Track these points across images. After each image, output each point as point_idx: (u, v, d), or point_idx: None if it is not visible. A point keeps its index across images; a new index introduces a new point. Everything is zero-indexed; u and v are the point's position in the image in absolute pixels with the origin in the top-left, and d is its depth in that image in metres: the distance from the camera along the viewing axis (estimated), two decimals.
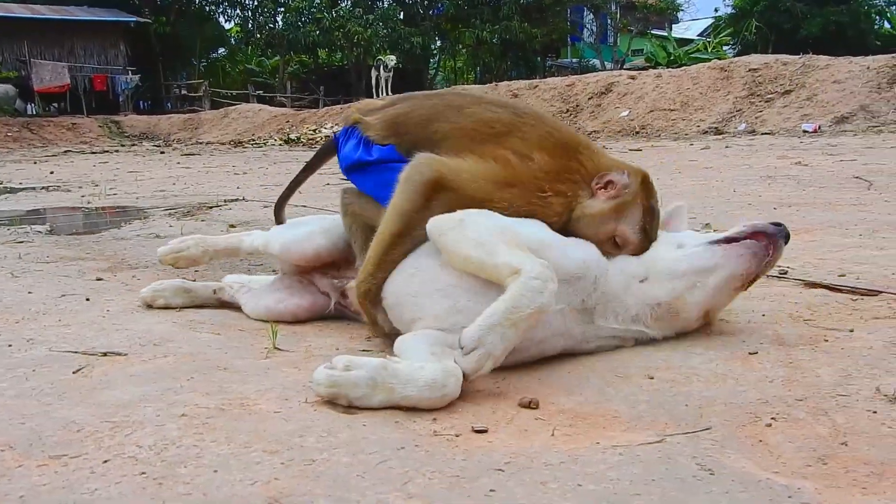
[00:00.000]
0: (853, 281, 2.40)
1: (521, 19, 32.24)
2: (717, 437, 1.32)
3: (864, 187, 4.97)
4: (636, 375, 1.65)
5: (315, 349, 1.91)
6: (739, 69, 14.16)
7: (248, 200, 5.71)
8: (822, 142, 10.04)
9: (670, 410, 1.45)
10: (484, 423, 1.41)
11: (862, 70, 12.69)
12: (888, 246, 2.93)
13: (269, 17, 32.57)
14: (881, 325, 1.92)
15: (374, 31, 29.87)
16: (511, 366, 1.64)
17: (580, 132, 14.41)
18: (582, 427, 1.40)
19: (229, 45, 36.81)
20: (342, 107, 22.27)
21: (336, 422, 1.39)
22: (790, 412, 1.41)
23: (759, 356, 1.73)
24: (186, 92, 31.88)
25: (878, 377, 1.56)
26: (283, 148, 16.67)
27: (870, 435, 1.30)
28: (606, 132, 13.97)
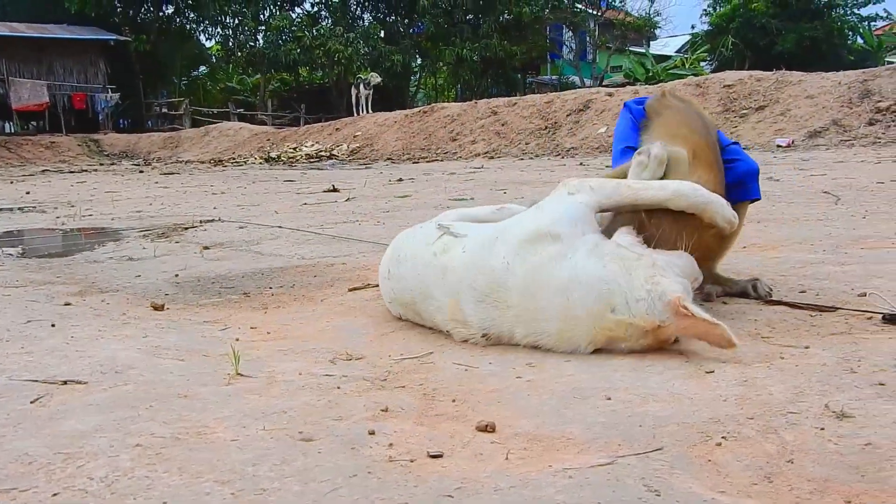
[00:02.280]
0: (813, 298, 2.43)
1: (500, 37, 32.49)
2: (667, 458, 1.34)
3: (831, 202, 5.04)
4: (594, 396, 1.66)
5: (278, 374, 1.91)
6: (714, 85, 14.31)
7: (224, 221, 5.70)
8: (795, 156, 10.16)
9: (624, 431, 1.47)
10: (440, 447, 1.42)
11: (834, 85, 12.86)
12: (849, 262, 2.98)
13: (249, 35, 32.60)
14: (836, 342, 1.95)
15: (355, 49, 29.98)
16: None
17: (558, 148, 14.51)
18: (536, 450, 1.41)
19: (210, 63, 36.78)
20: (323, 125, 22.29)
21: (292, 449, 1.39)
22: (741, 431, 1.43)
23: (715, 375, 1.76)
24: (167, 110, 31.82)
25: (828, 394, 1.59)
26: (263, 167, 16.64)
27: (816, 452, 1.33)
28: (584, 148, 14.05)
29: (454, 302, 2.13)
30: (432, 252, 2.25)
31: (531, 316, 1.99)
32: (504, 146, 15.70)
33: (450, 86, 38.20)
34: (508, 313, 2.02)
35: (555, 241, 2.03)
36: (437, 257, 2.22)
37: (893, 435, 1.37)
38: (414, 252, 2.35)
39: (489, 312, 2.06)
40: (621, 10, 37.45)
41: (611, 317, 1.90)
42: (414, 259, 2.32)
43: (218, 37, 33.54)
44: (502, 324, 2.04)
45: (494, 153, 15.43)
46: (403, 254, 2.41)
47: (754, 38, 33.06)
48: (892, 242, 3.37)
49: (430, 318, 2.25)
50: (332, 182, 9.24)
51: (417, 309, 2.30)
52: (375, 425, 1.53)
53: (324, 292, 3.01)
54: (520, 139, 15.76)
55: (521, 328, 2.01)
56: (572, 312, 1.93)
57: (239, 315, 2.66)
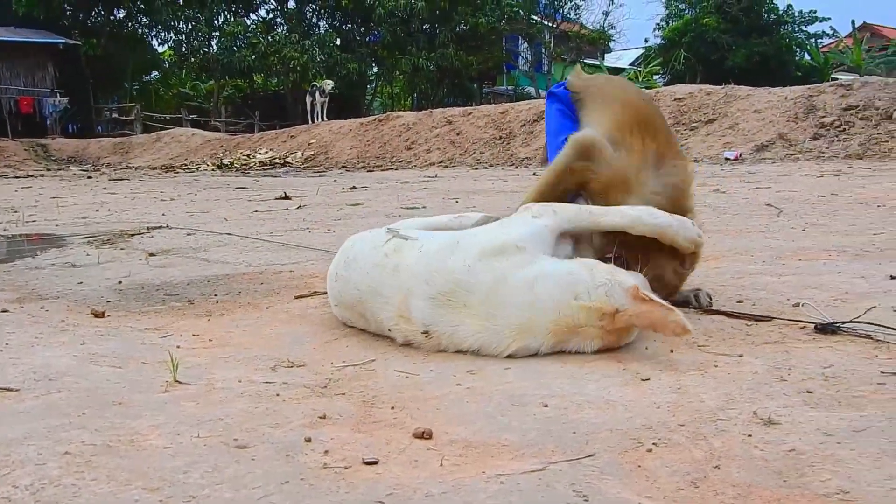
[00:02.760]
0: (750, 307, 2.49)
1: (456, 47, 32.71)
2: (598, 464, 1.36)
3: (774, 214, 5.16)
4: (532, 403, 1.68)
5: (217, 382, 1.89)
6: (666, 98, 14.57)
7: (171, 228, 5.63)
8: (742, 169, 10.39)
9: (558, 438, 1.49)
10: (376, 454, 1.42)
11: (780, 100, 13.19)
12: (786, 273, 3.05)
13: (203, 41, 32.32)
14: (769, 351, 2.00)
15: (311, 56, 29.90)
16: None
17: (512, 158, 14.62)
18: (471, 456, 1.42)
19: (162, 68, 36.31)
20: (277, 132, 22.15)
21: (224, 456, 1.39)
22: (671, 437, 1.46)
23: (650, 382, 1.79)
24: (118, 115, 31.35)
25: (757, 401, 1.63)
26: (215, 173, 16.48)
27: (742, 458, 1.36)
28: (538, 159, 14.17)
29: (403, 298, 2.13)
30: (383, 253, 2.26)
31: (490, 312, 2.01)
32: (459, 155, 15.77)
33: (406, 95, 38.29)
34: (462, 312, 2.04)
35: (521, 252, 2.08)
36: (389, 257, 2.23)
37: (816, 441, 1.41)
38: (363, 254, 2.36)
39: (438, 310, 2.07)
40: (576, 23, 38.00)
41: (574, 303, 1.95)
42: (363, 260, 2.33)
43: (171, 42, 33.17)
44: (450, 322, 2.05)
45: (449, 162, 15.49)
46: (352, 256, 2.42)
47: (706, 52, 33.79)
48: (828, 254, 3.46)
49: (375, 316, 2.25)
50: (284, 189, 9.18)
51: (362, 309, 2.30)
52: (312, 432, 1.52)
53: (269, 300, 2.99)
54: (474, 149, 15.85)
55: (475, 325, 2.02)
56: (536, 303, 1.97)
57: (181, 322, 2.63)
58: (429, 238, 2.28)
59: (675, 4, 37.79)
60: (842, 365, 1.85)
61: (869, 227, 4.32)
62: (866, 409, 1.56)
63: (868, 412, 1.54)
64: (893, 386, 1.69)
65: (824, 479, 1.26)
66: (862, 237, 3.92)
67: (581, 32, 37.25)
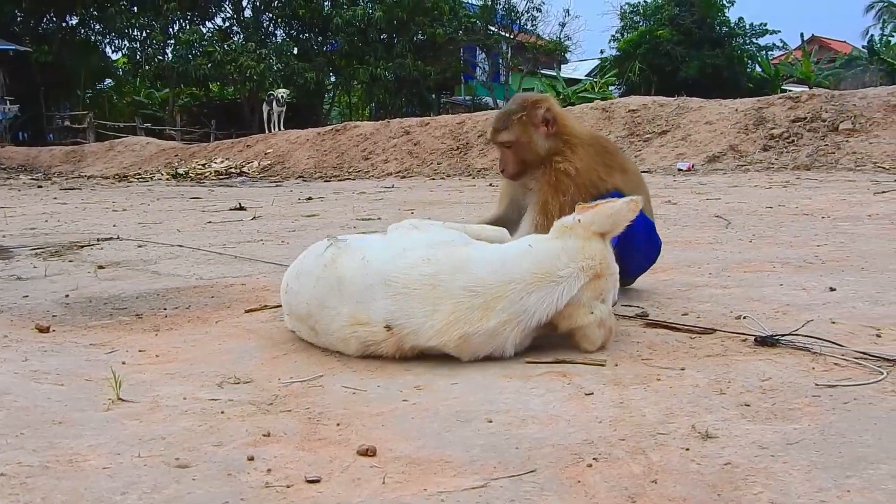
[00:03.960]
0: (694, 320, 2.54)
1: (414, 57, 32.76)
2: (539, 480, 1.38)
3: (722, 226, 5.26)
4: (477, 419, 1.70)
5: (162, 399, 1.88)
6: (620, 109, 14.76)
7: (122, 239, 5.54)
8: (694, 180, 10.57)
9: (501, 454, 1.50)
10: (319, 472, 1.42)
11: (731, 112, 13.45)
12: (731, 285, 3.12)
13: (158, 48, 31.90)
14: (711, 363, 2.04)
15: (268, 65, 29.70)
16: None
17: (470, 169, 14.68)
18: (414, 474, 1.43)
19: (116, 76, 35.73)
20: (233, 141, 21.95)
21: (165, 477, 1.37)
22: (611, 452, 1.49)
23: (593, 396, 1.81)
24: (70, 123, 30.75)
25: (696, 415, 1.67)
26: (170, 183, 16.27)
27: (679, 472, 1.39)
28: (495, 170, 14.18)
29: (356, 305, 2.14)
30: (322, 264, 2.29)
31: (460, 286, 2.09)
32: (416, 166, 15.79)
33: (364, 104, 38.23)
34: (432, 294, 2.08)
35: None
36: (328, 268, 2.25)
37: (751, 454, 1.45)
38: (309, 266, 2.38)
39: (405, 303, 2.09)
40: (533, 34, 38.31)
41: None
42: (309, 273, 2.34)
43: (125, 49, 32.69)
44: (419, 312, 2.08)
45: (407, 172, 15.50)
46: (301, 268, 2.44)
47: (660, 63, 34.31)
48: (772, 266, 3.54)
49: (326, 329, 2.26)
50: (239, 200, 9.11)
51: (313, 322, 2.31)
52: (255, 451, 1.52)
53: (219, 314, 2.96)
54: (432, 159, 15.88)
55: (448, 306, 2.06)
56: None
57: (128, 337, 2.59)
58: (369, 245, 2.33)
59: (630, 17, 38.34)
60: (779, 378, 1.89)
61: (813, 238, 4.43)
62: (800, 422, 1.60)
63: (802, 425, 1.58)
64: (827, 398, 1.73)
65: (756, 492, 1.30)
66: (805, 249, 4.02)
67: (538, 44, 37.58)
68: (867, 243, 4.14)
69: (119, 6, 30.45)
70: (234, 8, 34.30)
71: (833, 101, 12.89)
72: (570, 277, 2.08)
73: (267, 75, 29.53)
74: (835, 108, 12.60)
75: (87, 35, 32.49)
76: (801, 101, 13.14)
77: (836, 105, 12.68)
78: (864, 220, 5.32)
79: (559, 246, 2.14)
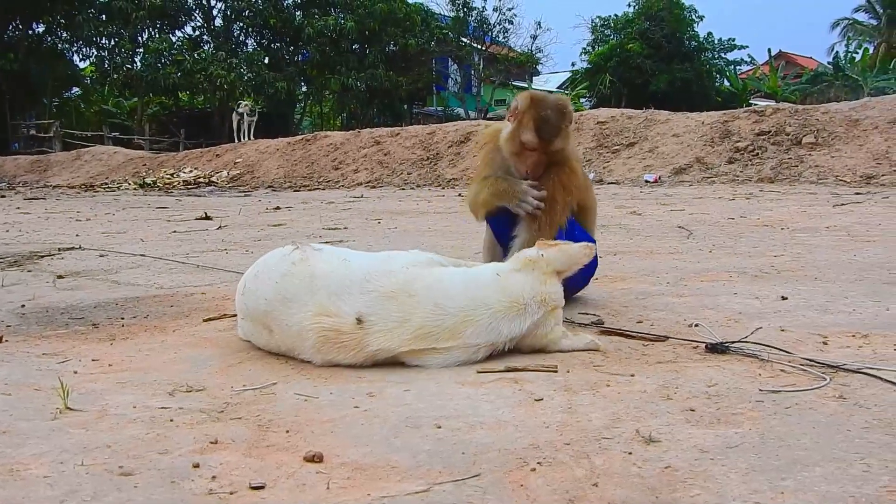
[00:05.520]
0: (648, 327, 2.57)
1: (386, 67, 32.80)
2: (482, 484, 1.39)
3: (684, 236, 5.33)
4: (426, 425, 1.71)
5: (111, 408, 1.86)
6: (589, 121, 14.90)
7: (84, 249, 5.48)
8: (660, 192, 10.69)
9: (447, 459, 1.51)
10: (264, 479, 1.43)
11: (697, 125, 13.63)
12: (687, 293, 3.16)
13: (126, 57, 31.62)
14: (660, 370, 2.07)
15: (238, 74, 29.57)
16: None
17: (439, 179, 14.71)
18: (359, 479, 1.44)
19: (83, 84, 35.31)
20: (202, 150, 21.81)
21: (106, 485, 1.37)
22: (556, 456, 1.50)
23: (543, 402, 1.83)
24: (35, 132, 30.35)
25: (642, 420, 1.69)
26: (137, 192, 16.12)
27: (620, 475, 1.41)
28: (465, 180, 14.29)
29: (326, 296, 2.18)
30: (291, 262, 2.34)
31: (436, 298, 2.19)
32: (386, 176, 15.80)
33: (336, 114, 38.19)
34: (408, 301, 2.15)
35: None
36: (297, 265, 2.31)
37: (692, 458, 1.47)
38: (272, 265, 2.42)
39: (381, 302, 2.15)
40: (505, 46, 38.53)
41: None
42: (272, 271, 2.38)
43: (93, 58, 32.34)
44: (394, 316, 2.14)
45: (377, 182, 15.50)
46: (261, 268, 2.47)
47: (631, 76, 34.69)
48: (729, 276, 3.59)
49: (282, 325, 2.27)
50: (206, 210, 9.05)
51: (268, 320, 2.32)
52: (201, 458, 1.52)
53: (177, 323, 2.95)
54: (402, 169, 15.90)
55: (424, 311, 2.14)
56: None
57: (83, 347, 2.57)
58: (348, 252, 2.43)
59: (601, 30, 38.76)
60: (725, 383, 1.93)
61: (770, 249, 4.51)
62: (742, 427, 1.63)
63: (743, 429, 1.61)
64: (770, 404, 1.77)
65: (693, 494, 1.32)
66: (762, 259, 4.08)
67: (509, 55, 37.82)
68: (822, 254, 4.22)
69: (87, 14, 30.14)
70: (204, 17, 34.13)
71: (797, 115, 13.11)
72: (533, 308, 2.21)
73: (237, 84, 29.40)
74: (798, 122, 12.81)
75: (53, 43, 32.11)
76: (766, 115, 13.36)
77: (799, 119, 12.90)
78: (821, 231, 5.42)
79: (523, 278, 2.27)
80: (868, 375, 1.94)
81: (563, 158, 2.87)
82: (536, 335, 2.23)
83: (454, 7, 37.01)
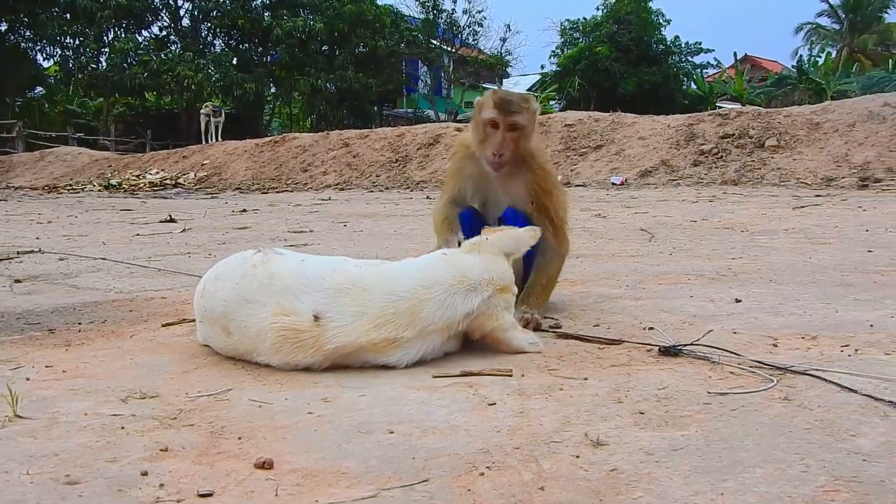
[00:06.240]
0: (605, 331, 2.60)
1: (356, 69, 32.69)
2: (430, 489, 1.40)
3: (646, 239, 5.39)
4: (378, 430, 1.71)
5: (62, 415, 1.85)
6: (557, 124, 14.99)
7: (44, 252, 5.42)
8: (626, 194, 10.79)
9: (397, 464, 1.52)
10: (213, 486, 1.42)
11: (663, 128, 13.78)
12: (645, 296, 3.20)
13: (91, 57, 31.20)
14: (613, 373, 2.10)
15: (206, 75, 29.31)
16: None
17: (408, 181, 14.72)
18: (309, 486, 1.44)
19: (47, 84, 34.75)
20: (169, 152, 21.60)
21: (51, 494, 1.36)
22: (505, 460, 1.52)
23: (496, 407, 1.85)
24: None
25: (591, 423, 1.71)
26: (101, 194, 15.93)
27: (566, 479, 1.43)
28: (433, 182, 14.32)
29: (284, 297, 2.20)
30: (252, 264, 2.35)
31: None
32: (355, 178, 15.77)
33: (305, 116, 38.00)
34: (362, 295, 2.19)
35: None
36: (258, 268, 2.32)
37: (637, 460, 1.49)
38: (232, 267, 2.44)
39: (338, 298, 2.18)
40: (475, 48, 38.59)
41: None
42: (232, 273, 2.40)
43: (57, 57, 31.87)
44: (349, 311, 2.16)
45: (345, 185, 15.47)
46: (221, 271, 2.48)
47: (599, 79, 34.87)
48: (687, 278, 3.64)
49: (240, 326, 2.28)
50: (171, 212, 8.97)
51: (227, 322, 2.32)
52: (150, 465, 1.51)
53: (135, 328, 2.93)
54: (371, 171, 15.89)
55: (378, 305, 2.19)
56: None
57: (37, 353, 2.54)
58: (304, 255, 2.47)
59: (570, 33, 38.94)
60: (675, 386, 1.96)
61: (729, 251, 4.57)
62: (688, 429, 1.66)
63: (689, 431, 1.64)
64: (717, 406, 1.80)
65: (636, 496, 1.34)
66: (721, 261, 4.14)
67: (479, 58, 37.89)
68: (779, 256, 4.29)
69: (50, 13, 29.70)
70: (171, 17, 33.79)
71: (760, 118, 13.30)
72: (482, 285, 2.26)
73: (205, 85, 29.15)
74: (761, 125, 13.00)
75: (16, 42, 31.59)
76: (730, 119, 13.54)
77: (762, 122, 13.09)
78: (780, 234, 5.51)
79: (472, 258, 2.34)
80: (813, 377, 1.98)
81: (529, 155, 2.90)
82: (487, 316, 2.27)
83: (424, 9, 37.03)
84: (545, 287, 2.86)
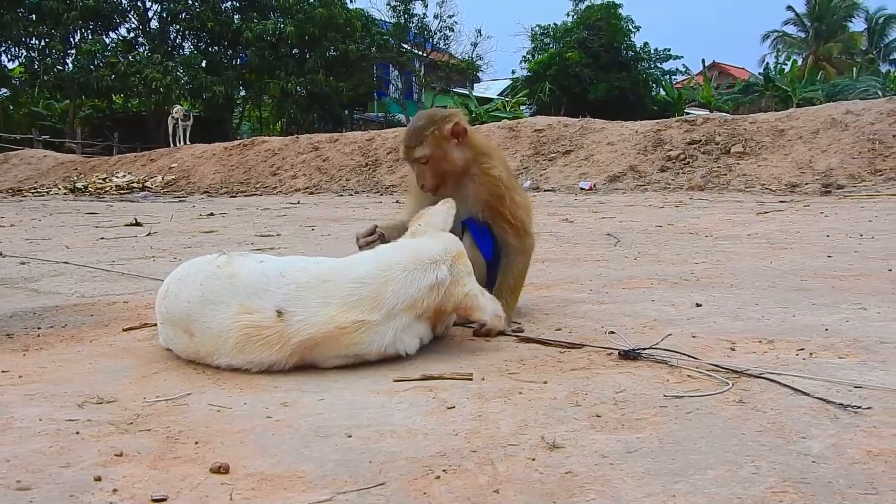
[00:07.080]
0: (566, 335, 2.62)
1: (326, 73, 32.57)
2: (386, 492, 1.41)
3: (612, 244, 5.43)
4: (336, 434, 1.71)
5: (16, 420, 1.83)
6: (526, 129, 15.07)
7: (5, 256, 5.34)
8: (594, 199, 10.87)
9: (354, 468, 1.52)
10: (167, 491, 1.42)
11: (631, 133, 13.91)
12: (607, 301, 3.23)
13: (58, 58, 30.79)
14: (573, 377, 2.12)
15: (174, 78, 29.05)
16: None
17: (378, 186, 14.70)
18: (264, 490, 1.44)
19: (12, 85, 34.19)
20: (137, 155, 21.38)
21: (2, 499, 1.34)
22: (461, 464, 1.53)
23: (455, 410, 1.86)
24: None
25: (549, 426, 1.73)
26: (67, 197, 15.72)
27: (521, 482, 1.44)
28: (403, 186, 14.30)
29: (246, 295, 2.21)
30: (216, 265, 2.36)
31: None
32: (325, 182, 15.72)
33: (275, 119, 37.79)
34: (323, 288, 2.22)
35: None
36: (222, 268, 2.33)
37: (592, 463, 1.51)
38: (195, 269, 2.44)
39: (300, 293, 2.20)
40: (446, 53, 38.64)
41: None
42: (196, 274, 2.40)
43: (22, 58, 31.40)
44: (312, 302, 2.19)
45: (315, 189, 15.42)
46: (185, 272, 2.48)
47: (569, 85, 35.07)
48: (650, 283, 3.68)
49: (203, 327, 2.27)
50: (137, 216, 8.89)
51: (189, 323, 2.32)
52: (104, 471, 1.50)
53: (96, 332, 2.90)
54: (341, 175, 15.85)
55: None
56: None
57: None
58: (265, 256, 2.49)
59: (541, 39, 39.12)
60: (633, 390, 1.98)
61: (693, 256, 4.63)
62: (644, 432, 1.68)
63: (644, 434, 1.66)
64: (673, 409, 1.82)
65: (590, 498, 1.36)
66: (684, 266, 4.19)
67: (450, 62, 37.95)
68: (741, 261, 4.35)
69: (15, 14, 29.27)
70: (139, 19, 33.44)
71: (726, 124, 13.48)
72: (441, 259, 2.33)
73: (174, 88, 28.89)
74: (727, 131, 13.18)
75: None
76: (697, 125, 13.70)
77: (728, 129, 13.27)
78: (743, 239, 5.59)
79: (421, 241, 2.44)
80: (768, 380, 2.01)
81: (464, 166, 2.85)
82: (454, 283, 2.32)
83: (395, 13, 37.02)
84: (513, 287, 2.85)
